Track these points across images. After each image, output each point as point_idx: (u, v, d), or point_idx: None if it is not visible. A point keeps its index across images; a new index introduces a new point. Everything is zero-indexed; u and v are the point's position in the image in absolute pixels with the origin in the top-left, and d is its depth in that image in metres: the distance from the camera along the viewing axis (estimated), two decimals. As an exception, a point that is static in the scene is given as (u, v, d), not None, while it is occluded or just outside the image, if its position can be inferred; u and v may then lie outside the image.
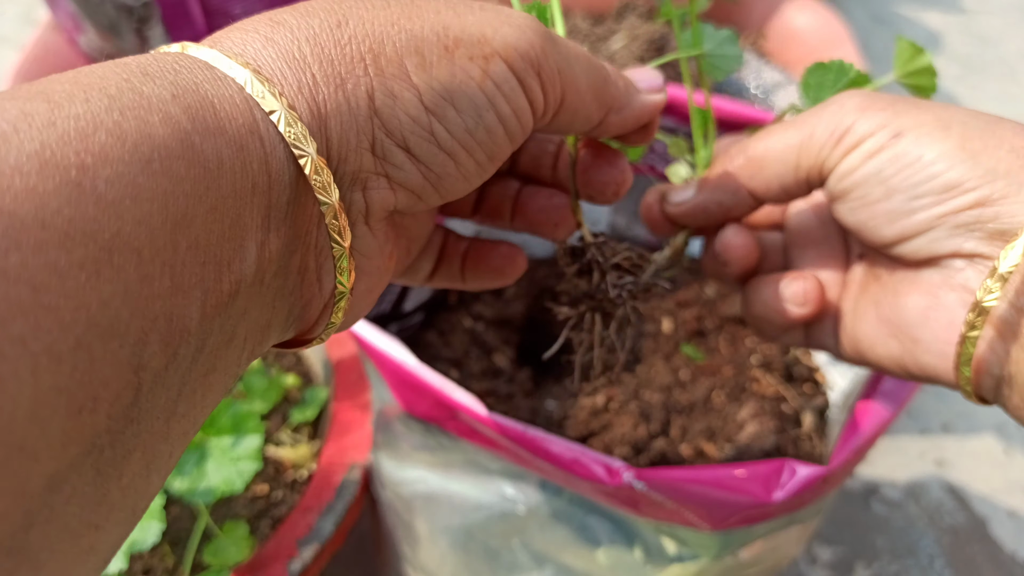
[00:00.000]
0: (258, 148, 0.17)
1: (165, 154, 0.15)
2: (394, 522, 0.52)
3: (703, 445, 0.49)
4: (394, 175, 0.20)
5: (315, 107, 0.18)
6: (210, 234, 0.16)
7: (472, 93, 0.20)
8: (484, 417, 0.36)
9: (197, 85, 0.17)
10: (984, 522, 0.79)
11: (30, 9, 1.34)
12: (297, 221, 0.19)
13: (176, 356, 0.16)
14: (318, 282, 0.20)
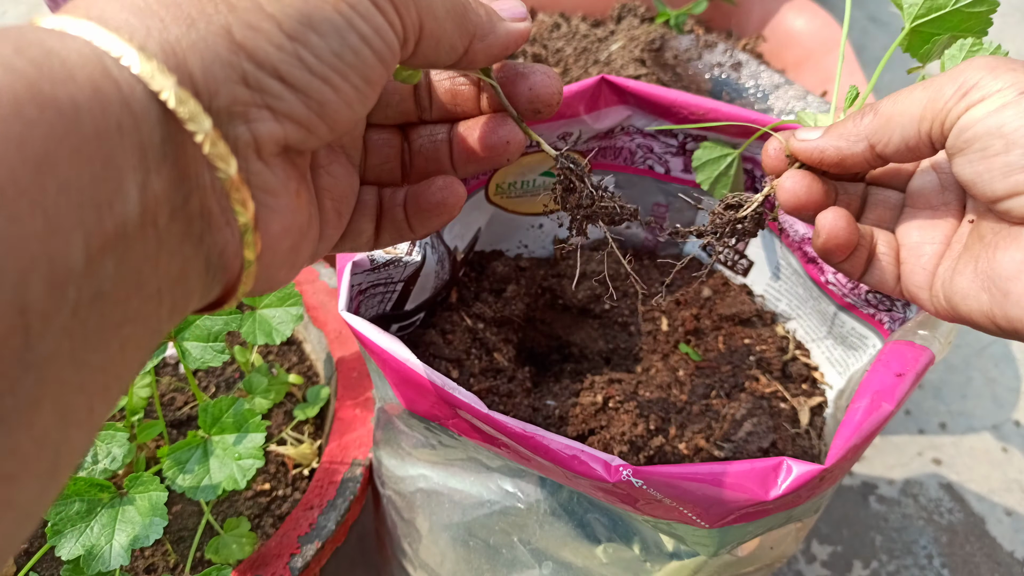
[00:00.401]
0: (114, 90, 0.17)
1: (12, 100, 0.15)
2: (395, 519, 0.52)
3: (701, 443, 0.49)
4: (276, 105, 0.20)
5: (168, 47, 0.19)
6: (80, 175, 0.16)
7: (329, 15, 0.21)
8: (484, 415, 0.36)
9: (41, 41, 0.17)
10: (982, 520, 0.80)
11: (32, 9, 1.35)
12: (180, 161, 0.19)
13: (65, 298, 0.16)
14: (228, 226, 0.21)
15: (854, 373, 0.51)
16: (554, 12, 1.05)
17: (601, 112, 0.52)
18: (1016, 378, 0.93)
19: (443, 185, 0.29)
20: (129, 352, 0.18)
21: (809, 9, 0.99)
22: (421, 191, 0.30)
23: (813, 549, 0.76)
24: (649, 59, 0.91)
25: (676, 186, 0.59)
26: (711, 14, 1.06)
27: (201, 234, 0.20)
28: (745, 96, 0.88)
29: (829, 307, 0.53)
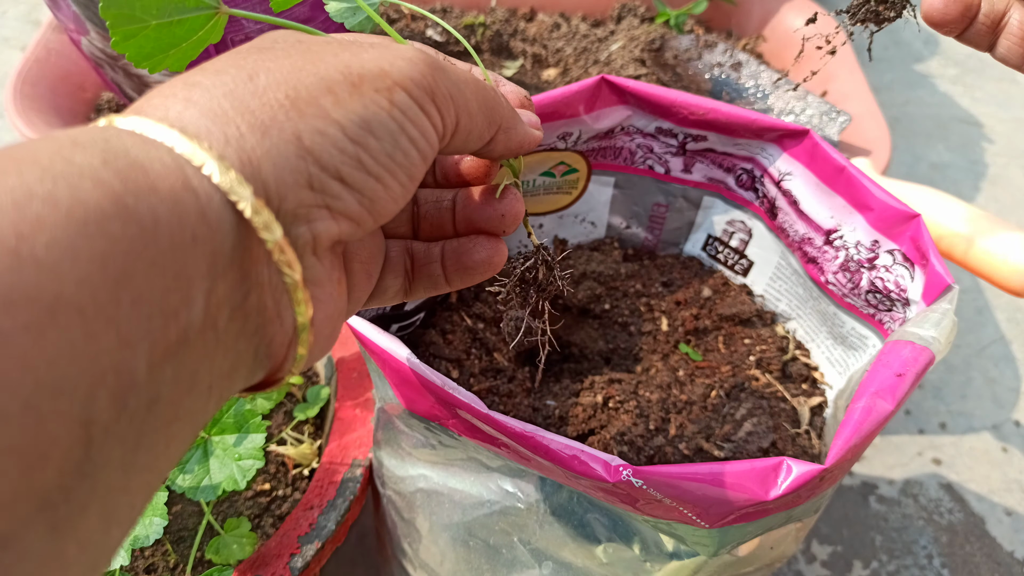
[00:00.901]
0: (193, 201, 0.18)
1: (99, 216, 0.16)
2: (395, 519, 0.52)
3: (701, 443, 0.49)
4: (333, 205, 0.21)
5: (244, 155, 0.20)
6: (153, 288, 0.16)
7: (385, 121, 0.22)
8: (484, 415, 0.36)
9: (126, 150, 0.17)
10: (982, 520, 0.80)
11: (32, 10, 1.35)
12: (244, 264, 0.20)
13: (126, 407, 0.16)
14: (278, 318, 0.21)
15: (854, 373, 0.51)
16: (554, 12, 1.05)
17: (601, 112, 0.52)
18: (1016, 378, 0.93)
19: (486, 243, 0.31)
20: (174, 448, 0.18)
21: (809, 9, 0.99)
22: (464, 250, 0.31)
23: (813, 549, 0.76)
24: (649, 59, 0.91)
25: (676, 186, 0.59)
26: (711, 14, 1.06)
27: (255, 329, 0.21)
28: (745, 96, 0.88)
29: (829, 307, 0.53)
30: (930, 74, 1.37)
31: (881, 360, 0.39)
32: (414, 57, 0.23)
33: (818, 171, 0.50)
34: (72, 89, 0.87)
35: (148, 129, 0.19)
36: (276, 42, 0.23)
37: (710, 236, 0.61)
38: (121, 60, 0.68)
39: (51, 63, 0.85)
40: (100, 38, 0.66)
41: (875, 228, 0.47)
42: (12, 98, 0.78)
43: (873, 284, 0.48)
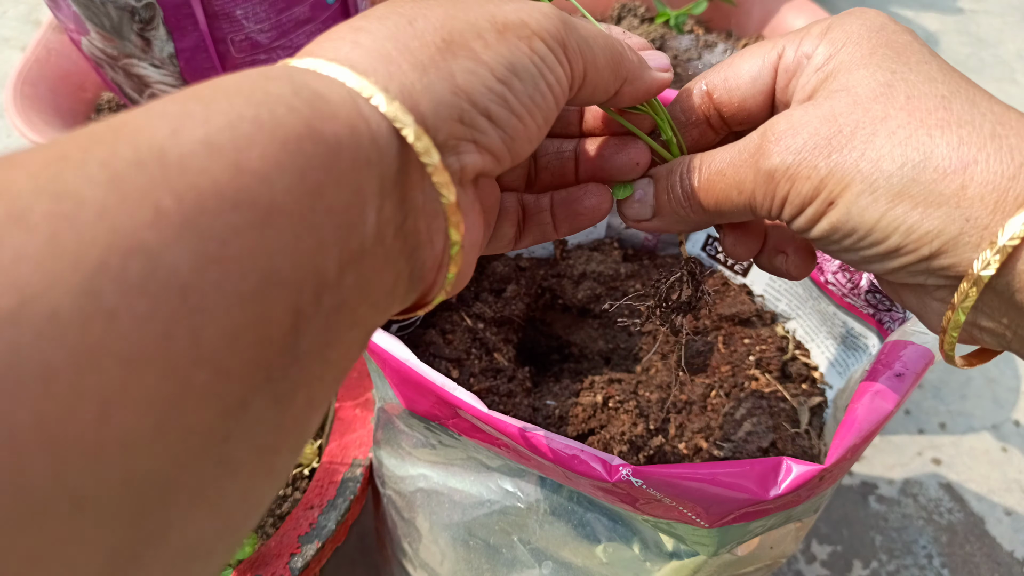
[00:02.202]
0: (366, 129, 0.21)
1: (296, 136, 0.18)
2: (395, 519, 0.52)
3: (701, 443, 0.49)
4: (480, 140, 0.24)
5: (406, 90, 0.22)
6: (339, 201, 0.19)
7: (527, 64, 0.25)
8: (484, 415, 0.36)
9: (308, 83, 0.20)
10: (981, 520, 0.80)
11: (32, 10, 1.35)
12: (405, 188, 0.22)
13: (321, 305, 0.19)
14: (430, 242, 0.24)
15: (854, 373, 0.51)
16: (554, 12, 1.05)
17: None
18: (1016, 378, 0.93)
19: (595, 191, 0.33)
20: (352, 351, 0.21)
21: (809, 9, 0.99)
22: (575, 198, 0.33)
23: (813, 549, 0.76)
24: (649, 59, 0.91)
25: (676, 186, 0.59)
26: (711, 14, 1.06)
27: (412, 250, 0.23)
28: (745, 96, 0.88)
29: (829, 307, 0.53)
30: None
31: (881, 360, 0.39)
32: (549, 12, 0.26)
33: (818, 171, 0.50)
34: (72, 89, 0.87)
35: (322, 67, 0.21)
36: None
37: (710, 236, 0.61)
38: (121, 60, 0.68)
39: (51, 63, 0.85)
40: (100, 38, 0.66)
41: (875, 228, 0.47)
42: (12, 98, 0.78)
43: (873, 284, 0.48)
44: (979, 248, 0.24)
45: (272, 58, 0.68)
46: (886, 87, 0.27)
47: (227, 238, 0.16)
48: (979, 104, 0.26)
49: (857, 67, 0.28)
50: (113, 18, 0.63)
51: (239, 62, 0.67)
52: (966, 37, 1.46)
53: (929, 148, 0.25)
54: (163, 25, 0.63)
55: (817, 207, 0.27)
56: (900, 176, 0.25)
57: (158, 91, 0.71)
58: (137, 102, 0.74)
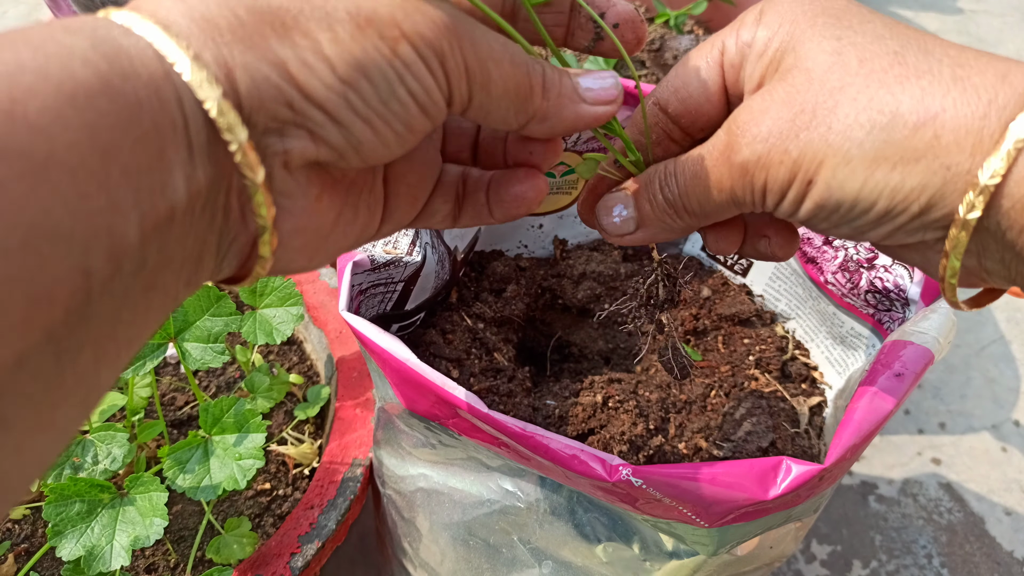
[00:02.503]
0: (171, 91, 0.20)
1: (87, 91, 0.18)
2: (395, 518, 0.52)
3: (700, 443, 0.49)
4: (315, 130, 0.22)
5: (221, 60, 0.21)
6: (139, 163, 0.18)
7: (382, 67, 0.22)
8: (484, 414, 0.36)
9: (113, 38, 0.19)
10: (981, 520, 0.80)
11: (32, 10, 1.35)
12: (218, 161, 0.21)
13: (121, 268, 0.18)
14: (242, 220, 0.23)
15: (853, 373, 0.51)
16: (554, 12, 1.05)
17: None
18: (1016, 378, 0.93)
19: (524, 177, 0.30)
20: (152, 313, 0.21)
21: (809, 9, 0.99)
22: (504, 180, 0.31)
23: (812, 549, 0.77)
24: (648, 59, 0.91)
25: (676, 186, 0.59)
26: (710, 14, 1.07)
27: (220, 224, 0.23)
28: (745, 96, 0.88)
29: (828, 307, 0.53)
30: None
31: (880, 360, 0.39)
32: (435, 15, 0.23)
33: (817, 171, 0.50)
34: (72, 89, 0.87)
35: (135, 23, 0.20)
36: None
37: (710, 236, 0.61)
38: (121, 60, 0.68)
39: (51, 63, 0.85)
40: (101, 38, 0.66)
41: (874, 228, 0.47)
42: (13, 98, 0.78)
43: (872, 284, 0.48)
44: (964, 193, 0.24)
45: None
46: (836, 55, 0.26)
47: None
48: (933, 51, 0.25)
49: (802, 42, 0.27)
50: (113, 18, 0.63)
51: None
52: (966, 37, 1.46)
53: (893, 106, 0.25)
54: (163, 25, 0.63)
55: (797, 189, 0.26)
56: (872, 141, 0.25)
57: (158, 91, 0.71)
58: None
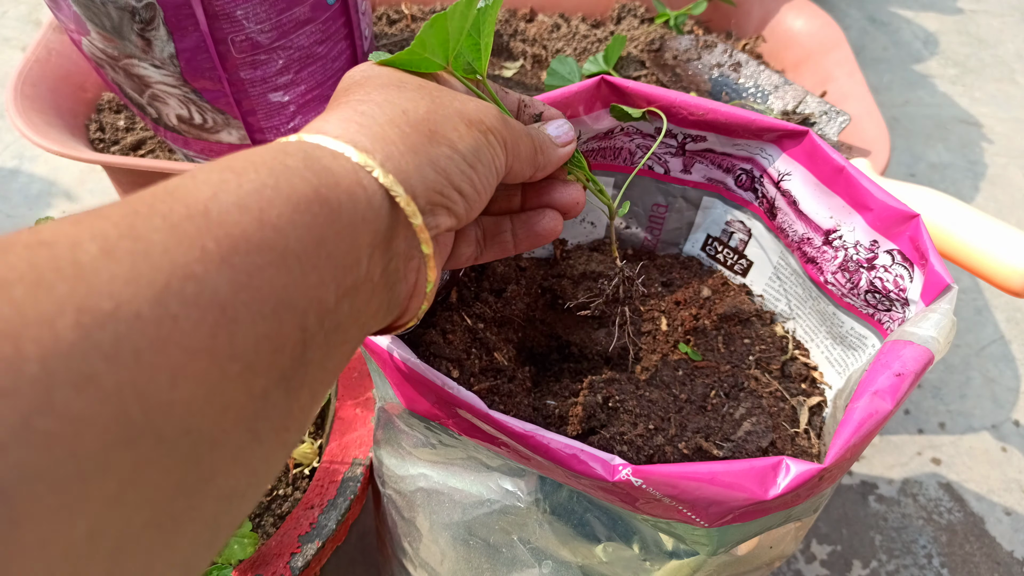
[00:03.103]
0: (363, 195, 0.27)
1: (306, 201, 0.24)
2: (395, 518, 0.52)
3: (700, 443, 0.49)
4: (451, 207, 0.31)
5: (399, 167, 0.29)
6: (338, 249, 0.25)
7: (485, 154, 0.32)
8: (484, 414, 0.36)
9: (319, 159, 0.26)
10: (981, 520, 0.80)
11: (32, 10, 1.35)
12: (391, 241, 0.29)
13: (323, 325, 0.24)
14: (404, 279, 0.31)
15: (853, 373, 0.51)
16: (554, 13, 1.06)
17: (601, 113, 0.52)
18: (1016, 378, 0.93)
19: (554, 216, 0.41)
20: (343, 360, 0.27)
21: (808, 9, 0.99)
22: (534, 220, 0.40)
23: (812, 549, 0.77)
24: (648, 60, 0.91)
25: (675, 186, 0.59)
26: (710, 15, 1.07)
27: (392, 285, 0.30)
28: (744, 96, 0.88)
29: (828, 307, 0.53)
30: (930, 74, 1.37)
31: (880, 360, 0.39)
32: (495, 112, 0.34)
33: (817, 171, 0.50)
34: (73, 89, 0.87)
35: (331, 144, 0.28)
36: (404, 82, 0.33)
37: (709, 236, 0.61)
38: (122, 60, 0.68)
39: (52, 63, 0.85)
40: (101, 38, 0.66)
41: (874, 228, 0.47)
42: (13, 98, 0.78)
43: (872, 284, 0.48)
44: None
45: (272, 58, 0.68)
46: None
47: (252, 272, 0.22)
48: None
49: None
50: (113, 18, 0.63)
51: (239, 62, 0.67)
52: (966, 37, 1.46)
53: None
54: (163, 25, 0.63)
55: None
56: None
57: (158, 91, 0.71)
58: (137, 102, 0.74)
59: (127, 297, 0.18)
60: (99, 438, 0.17)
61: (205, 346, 0.20)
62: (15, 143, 1.13)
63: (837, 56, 0.91)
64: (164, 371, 0.19)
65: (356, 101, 0.30)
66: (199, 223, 0.21)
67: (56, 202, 1.05)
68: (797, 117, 0.83)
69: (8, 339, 0.16)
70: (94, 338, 0.18)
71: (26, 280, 0.17)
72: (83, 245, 0.19)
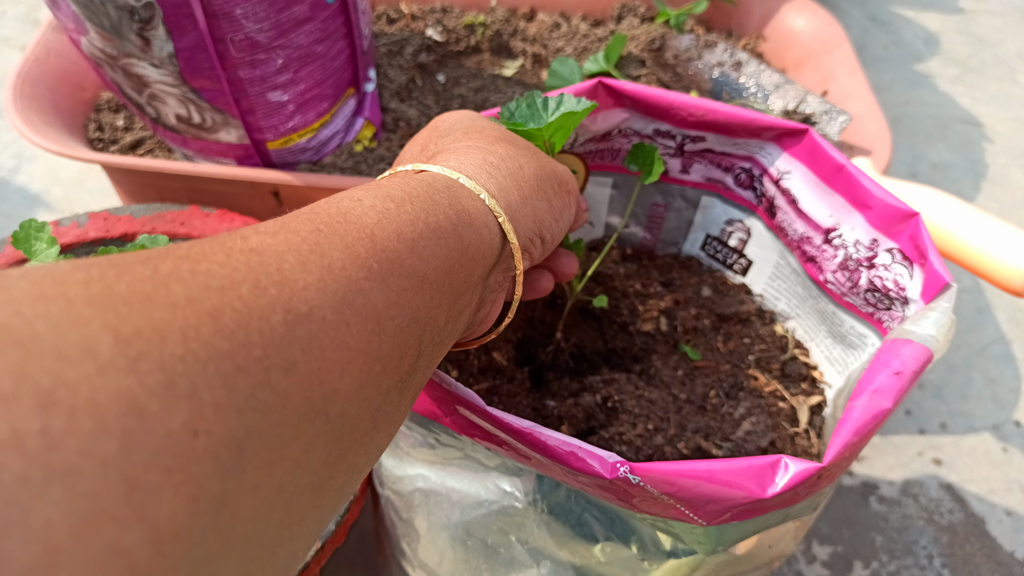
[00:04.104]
0: (487, 235, 0.32)
1: (446, 234, 0.29)
2: (394, 519, 0.52)
3: (700, 442, 0.49)
4: (533, 252, 0.36)
5: (515, 215, 0.34)
6: (458, 279, 0.30)
7: (567, 211, 0.38)
8: (483, 410, 0.36)
9: (460, 198, 0.31)
10: (982, 520, 0.79)
11: (32, 10, 1.35)
12: (491, 276, 0.34)
13: (433, 340, 0.29)
14: (490, 306, 0.36)
15: (853, 372, 0.51)
16: (554, 12, 1.05)
17: (599, 115, 0.52)
18: (1016, 378, 0.93)
19: (549, 279, 0.45)
20: (432, 371, 0.31)
21: (809, 9, 0.98)
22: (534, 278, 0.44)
23: (813, 549, 0.76)
24: (649, 59, 0.91)
25: (674, 186, 0.59)
26: (711, 14, 1.06)
27: (477, 310, 0.34)
28: (745, 96, 0.88)
29: (828, 306, 0.53)
30: (930, 74, 1.37)
31: (879, 358, 0.39)
32: (573, 179, 0.40)
33: (817, 170, 0.50)
34: (72, 89, 0.87)
35: (470, 185, 0.32)
36: (515, 141, 0.37)
37: (709, 235, 0.61)
38: (121, 60, 0.68)
39: (51, 63, 0.85)
40: (100, 38, 0.66)
41: (874, 227, 0.47)
42: (12, 98, 0.78)
43: (872, 283, 0.48)
44: None
45: (271, 58, 0.68)
46: None
47: (400, 292, 0.26)
48: None
49: None
50: (112, 18, 0.63)
51: (238, 61, 0.67)
52: (966, 37, 1.45)
53: None
54: (162, 24, 0.63)
55: None
56: None
57: (157, 91, 0.71)
58: (136, 101, 0.74)
59: (318, 303, 0.23)
60: (295, 412, 0.21)
61: (363, 349, 0.24)
62: (14, 143, 1.13)
63: (838, 55, 0.91)
64: (338, 365, 0.23)
65: (482, 150, 0.35)
66: (367, 246, 0.26)
67: (55, 202, 1.05)
68: (798, 116, 0.83)
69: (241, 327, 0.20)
70: (296, 333, 0.22)
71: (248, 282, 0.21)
72: (284, 256, 0.23)
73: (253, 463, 0.19)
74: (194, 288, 0.20)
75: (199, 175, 0.75)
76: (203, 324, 0.19)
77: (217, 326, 0.20)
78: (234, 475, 0.19)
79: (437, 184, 0.31)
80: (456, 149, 0.35)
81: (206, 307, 0.20)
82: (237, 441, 0.19)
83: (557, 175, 0.37)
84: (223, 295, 0.21)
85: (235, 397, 0.19)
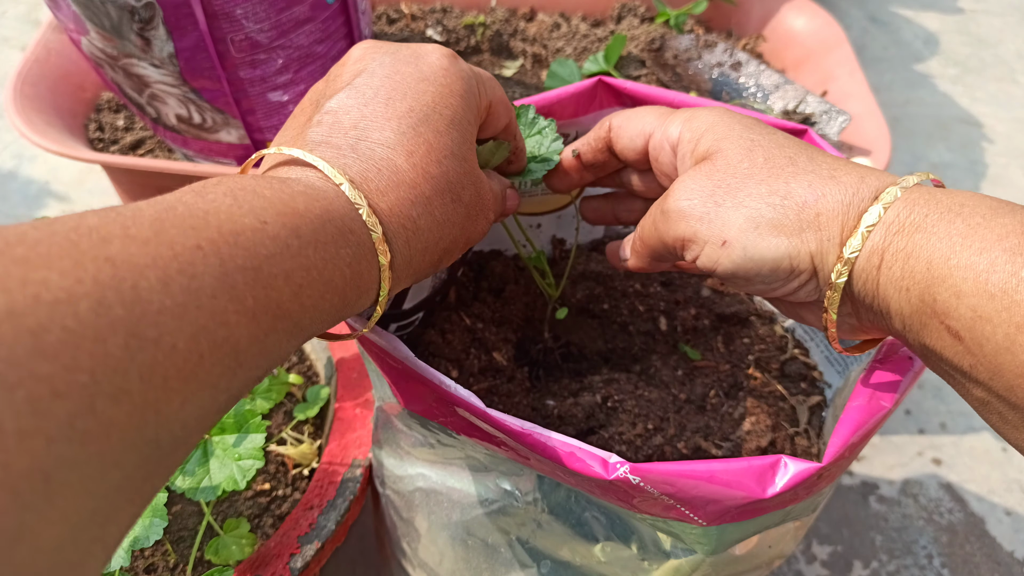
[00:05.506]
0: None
1: (334, 292, 0.28)
2: (394, 518, 0.52)
3: (699, 442, 0.49)
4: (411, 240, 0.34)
5: (376, 205, 0.31)
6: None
7: None
8: (482, 412, 0.36)
9: (361, 260, 0.30)
10: (982, 520, 0.80)
11: (32, 10, 1.35)
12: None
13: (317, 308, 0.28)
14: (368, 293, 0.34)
15: (852, 372, 0.51)
16: (554, 12, 1.05)
17: (598, 113, 0.52)
18: (1016, 378, 0.93)
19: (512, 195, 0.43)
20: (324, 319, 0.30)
21: (809, 9, 0.99)
22: None
23: (813, 549, 0.76)
24: (649, 59, 0.91)
25: (675, 186, 0.59)
26: (711, 14, 1.06)
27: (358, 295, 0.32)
28: (745, 96, 0.88)
29: (828, 306, 0.53)
30: (930, 74, 1.37)
31: (879, 359, 0.39)
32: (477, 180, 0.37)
33: (817, 170, 0.50)
34: (72, 89, 0.87)
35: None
36: None
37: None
38: (121, 60, 0.68)
39: (51, 63, 0.85)
40: (100, 38, 0.66)
41: (874, 227, 0.47)
42: (12, 98, 0.78)
43: (872, 283, 0.48)
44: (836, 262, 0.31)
45: (271, 58, 0.68)
46: (748, 150, 0.34)
47: (270, 332, 0.25)
48: (816, 158, 0.34)
49: (723, 140, 0.35)
50: (113, 18, 0.63)
51: (238, 61, 0.67)
52: (966, 37, 1.45)
53: (788, 190, 0.33)
54: (163, 25, 0.63)
55: (713, 247, 0.34)
56: (772, 211, 0.32)
57: (158, 91, 0.71)
58: (137, 102, 0.74)
59: (170, 329, 0.21)
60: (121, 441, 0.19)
61: (214, 382, 0.23)
62: (14, 143, 1.13)
63: (838, 55, 0.91)
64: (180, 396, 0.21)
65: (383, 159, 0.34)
66: (249, 279, 0.25)
67: (54, 202, 1.05)
68: (798, 116, 0.83)
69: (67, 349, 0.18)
70: (136, 359, 0.20)
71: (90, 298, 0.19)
72: (145, 272, 0.21)
73: (64, 493, 0.18)
74: (20, 300, 0.18)
75: (199, 175, 0.75)
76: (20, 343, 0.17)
77: (37, 346, 0.18)
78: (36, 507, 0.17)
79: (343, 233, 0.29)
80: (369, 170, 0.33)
81: (29, 324, 0.18)
82: (43, 472, 0.17)
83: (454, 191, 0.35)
84: (53, 311, 0.18)
85: (46, 425, 0.17)
